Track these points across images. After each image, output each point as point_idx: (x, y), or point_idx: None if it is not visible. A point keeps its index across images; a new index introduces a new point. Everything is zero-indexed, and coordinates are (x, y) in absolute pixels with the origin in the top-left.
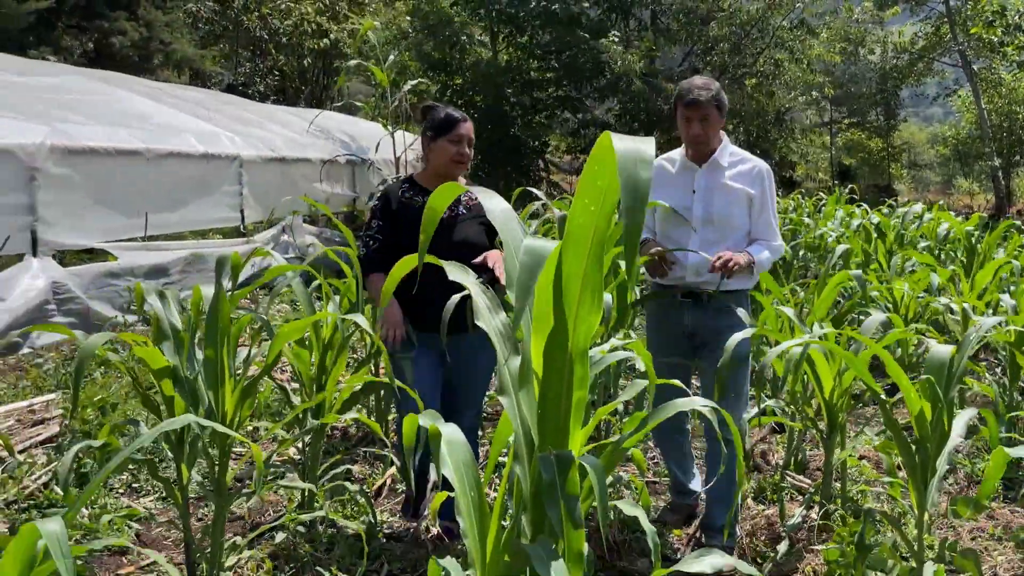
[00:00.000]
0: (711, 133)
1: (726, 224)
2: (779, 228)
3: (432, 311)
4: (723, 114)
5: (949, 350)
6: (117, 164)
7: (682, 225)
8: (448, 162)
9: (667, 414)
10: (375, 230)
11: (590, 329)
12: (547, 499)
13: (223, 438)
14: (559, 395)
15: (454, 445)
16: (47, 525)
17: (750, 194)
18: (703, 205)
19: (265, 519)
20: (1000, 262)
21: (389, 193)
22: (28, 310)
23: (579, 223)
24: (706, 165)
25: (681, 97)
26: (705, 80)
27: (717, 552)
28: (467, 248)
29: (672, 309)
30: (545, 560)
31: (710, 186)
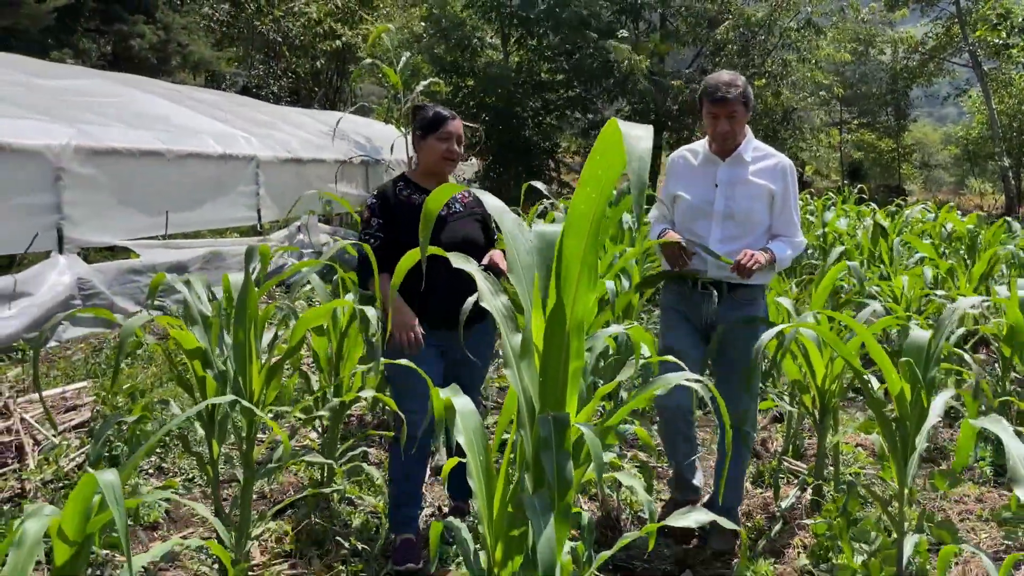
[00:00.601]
0: (738, 129)
1: (747, 219)
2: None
3: (435, 305)
4: (749, 109)
5: (927, 334)
6: (139, 164)
7: (703, 218)
8: (438, 159)
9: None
10: (375, 228)
11: (586, 305)
12: (543, 454)
13: (252, 416)
14: (558, 365)
15: (466, 415)
16: (104, 475)
17: (772, 190)
18: (724, 199)
19: (286, 499)
20: (993, 251)
21: (386, 192)
22: (55, 305)
23: (580, 210)
24: (729, 159)
25: (708, 94)
26: (732, 76)
27: (701, 510)
28: (465, 243)
29: (691, 300)
30: (538, 511)
31: (732, 181)
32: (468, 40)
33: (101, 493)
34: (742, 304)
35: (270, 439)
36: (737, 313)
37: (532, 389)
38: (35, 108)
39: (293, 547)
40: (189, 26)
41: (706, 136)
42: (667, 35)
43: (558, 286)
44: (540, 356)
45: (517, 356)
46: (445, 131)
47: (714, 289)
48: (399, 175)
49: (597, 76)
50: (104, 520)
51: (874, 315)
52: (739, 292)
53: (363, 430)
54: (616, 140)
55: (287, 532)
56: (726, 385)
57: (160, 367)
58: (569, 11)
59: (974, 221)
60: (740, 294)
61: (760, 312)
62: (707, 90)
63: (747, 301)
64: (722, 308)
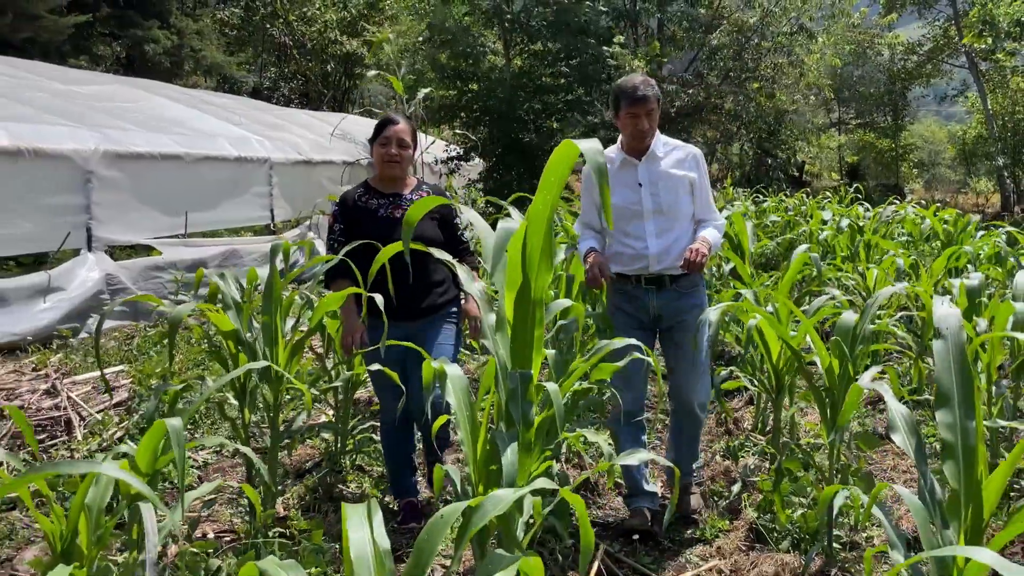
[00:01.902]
0: (655, 126)
1: (674, 211)
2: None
3: (400, 300)
4: (659, 107)
5: (855, 317)
6: (160, 167)
7: (635, 219)
8: (380, 163)
9: (611, 347)
10: (337, 233)
11: (545, 283)
12: (511, 403)
13: (278, 387)
14: (525, 332)
15: (455, 379)
16: (171, 421)
17: (692, 178)
18: (651, 197)
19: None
20: (952, 250)
21: (346, 198)
22: (85, 299)
23: (538, 210)
24: (645, 158)
25: (627, 95)
26: (643, 77)
27: (643, 451)
28: (423, 241)
29: (636, 296)
30: (506, 440)
31: (653, 178)
32: (471, 47)
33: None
34: (684, 293)
35: (291, 407)
36: (681, 302)
37: (505, 354)
38: (64, 114)
39: (312, 504)
40: (202, 31)
41: (619, 140)
42: (664, 40)
43: (524, 268)
44: (511, 326)
45: (493, 329)
46: (384, 136)
47: (657, 283)
48: (363, 182)
49: (596, 80)
50: (167, 460)
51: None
52: (681, 282)
53: (371, 409)
54: (563, 158)
55: (307, 491)
56: (678, 368)
57: (185, 354)
58: (569, 18)
59: (953, 218)
60: (682, 284)
61: (702, 298)
62: (625, 92)
63: (689, 290)
64: (668, 298)
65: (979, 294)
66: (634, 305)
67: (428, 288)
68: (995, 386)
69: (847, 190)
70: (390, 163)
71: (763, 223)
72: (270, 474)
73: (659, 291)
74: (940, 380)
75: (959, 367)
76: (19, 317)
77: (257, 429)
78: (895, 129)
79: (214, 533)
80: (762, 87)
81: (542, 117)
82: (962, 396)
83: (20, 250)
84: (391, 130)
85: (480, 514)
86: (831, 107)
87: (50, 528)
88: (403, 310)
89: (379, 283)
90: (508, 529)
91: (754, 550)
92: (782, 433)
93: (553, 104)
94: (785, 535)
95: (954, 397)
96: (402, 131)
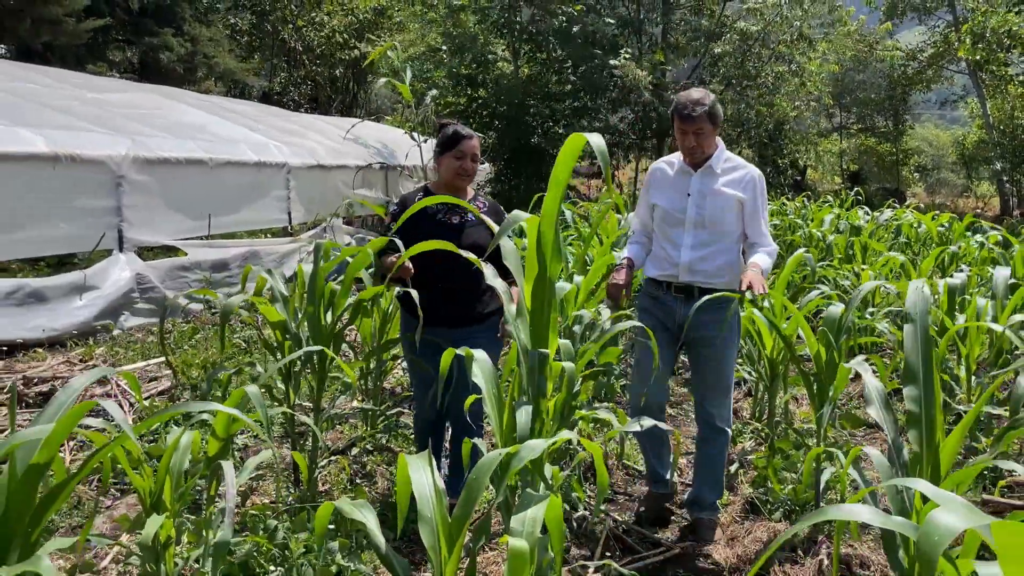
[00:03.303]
0: (704, 144)
1: (717, 227)
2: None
3: (445, 308)
4: (716, 124)
5: (840, 308)
6: (186, 172)
7: (677, 226)
8: (453, 175)
9: (618, 330)
10: (394, 232)
11: (556, 270)
12: (529, 378)
13: (322, 369)
14: (542, 316)
15: (482, 362)
16: (249, 387)
17: (741, 199)
18: (696, 208)
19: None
20: (940, 250)
21: (406, 200)
22: (117, 297)
23: (549, 206)
24: (701, 171)
25: (678, 111)
26: (701, 94)
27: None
28: (476, 250)
29: (665, 302)
30: (523, 405)
31: (703, 191)
32: (482, 55)
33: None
34: (711, 306)
35: (327, 395)
36: (707, 315)
37: (525, 336)
38: (96, 121)
39: (350, 479)
40: (215, 37)
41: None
42: (668, 48)
43: (540, 257)
44: (530, 311)
45: (515, 317)
46: (459, 150)
47: (686, 293)
48: (422, 186)
49: (602, 88)
50: (238, 427)
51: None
52: (709, 296)
53: (395, 399)
54: (571, 150)
55: (344, 467)
56: (700, 382)
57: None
58: (576, 27)
59: (945, 220)
60: (710, 299)
61: (732, 316)
62: (677, 108)
63: (717, 305)
64: (696, 309)
65: (962, 292)
66: (662, 311)
67: (475, 298)
68: (974, 376)
69: (848, 194)
70: (463, 176)
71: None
72: (313, 448)
73: (687, 301)
74: (908, 359)
75: (924, 348)
76: (58, 313)
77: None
78: (896, 134)
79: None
80: (763, 94)
81: (549, 123)
82: (926, 373)
83: (58, 250)
84: (467, 144)
85: (518, 458)
86: (832, 112)
87: (142, 485)
88: (451, 319)
89: (429, 287)
90: (539, 474)
91: (749, 519)
92: (776, 416)
93: (560, 110)
94: (778, 507)
95: (919, 373)
96: (476, 146)
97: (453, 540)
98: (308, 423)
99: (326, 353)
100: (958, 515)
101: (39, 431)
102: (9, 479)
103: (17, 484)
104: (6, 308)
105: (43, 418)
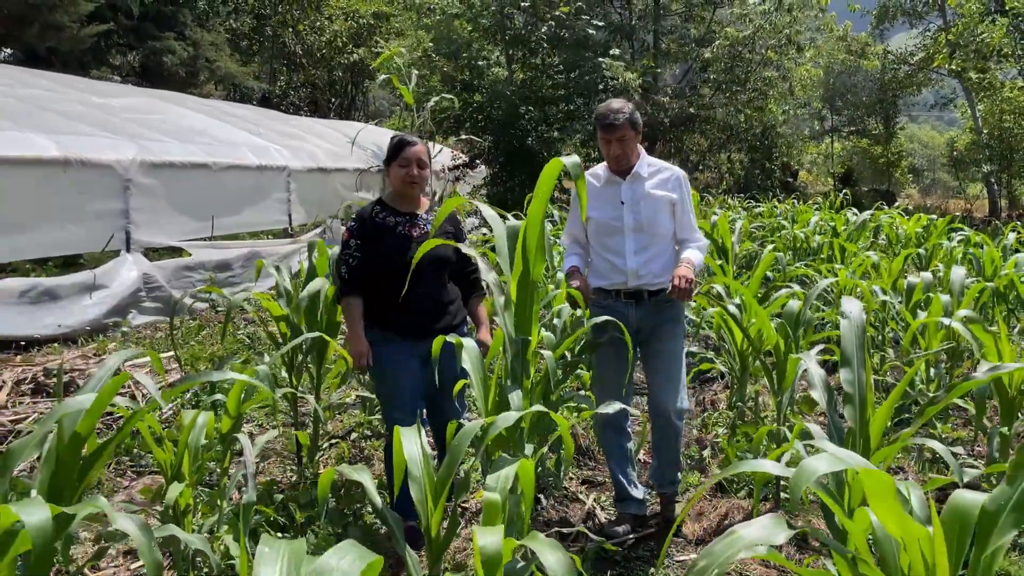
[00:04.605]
0: (629, 150)
1: (654, 229)
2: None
3: (412, 318)
4: (638, 131)
5: (798, 304)
6: (190, 175)
7: (616, 234)
8: (400, 183)
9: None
10: (353, 248)
11: (540, 270)
12: (515, 361)
13: (321, 358)
14: (525, 308)
15: (470, 350)
16: (260, 368)
17: (672, 199)
18: (632, 215)
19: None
20: (908, 251)
21: (363, 214)
22: (125, 296)
23: (534, 211)
24: (629, 178)
25: (599, 122)
26: (620, 103)
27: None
28: (436, 260)
29: (616, 309)
30: (511, 387)
31: (635, 197)
32: (475, 60)
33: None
34: (661, 307)
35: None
36: (659, 316)
37: (510, 325)
38: (103, 126)
39: (348, 461)
40: (216, 41)
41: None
42: (659, 54)
43: (525, 257)
44: (515, 303)
45: (502, 307)
46: (404, 157)
47: (636, 297)
48: (376, 199)
49: (594, 92)
50: (249, 406)
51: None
52: (657, 297)
53: None
54: (551, 171)
55: (344, 450)
56: (653, 374)
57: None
58: (569, 33)
59: (924, 222)
60: (660, 298)
61: (677, 310)
62: (598, 118)
63: (666, 304)
64: (646, 312)
65: (927, 290)
66: (614, 318)
67: (439, 309)
68: (933, 368)
69: (837, 196)
70: (410, 184)
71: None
72: (314, 432)
73: (638, 305)
74: (844, 348)
75: (858, 340)
76: (70, 311)
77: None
78: (887, 136)
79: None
80: (752, 99)
81: (543, 126)
82: (859, 360)
83: (68, 251)
84: (410, 151)
85: (494, 426)
86: (823, 115)
87: (163, 458)
88: (414, 329)
89: (392, 300)
90: (515, 444)
91: (716, 497)
92: (744, 404)
93: (553, 114)
94: (742, 486)
95: (854, 360)
96: (420, 152)
97: (438, 495)
98: (312, 401)
99: (325, 340)
100: (825, 462)
101: (84, 399)
102: (58, 440)
103: (65, 446)
104: (22, 306)
105: (84, 391)
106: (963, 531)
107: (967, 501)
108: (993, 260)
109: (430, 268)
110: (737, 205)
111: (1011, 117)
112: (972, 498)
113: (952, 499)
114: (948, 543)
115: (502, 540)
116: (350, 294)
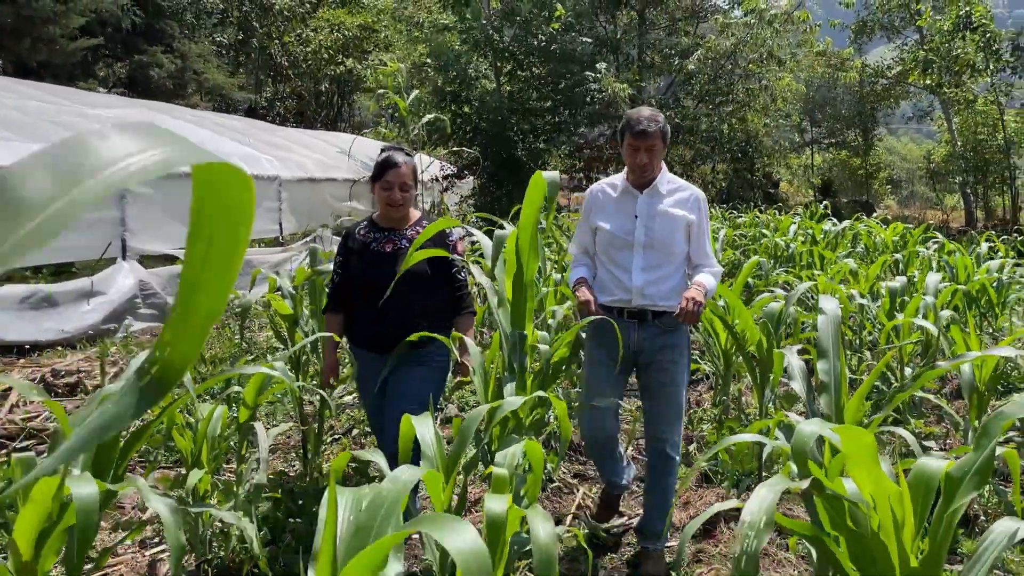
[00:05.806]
0: (655, 161)
1: (666, 248)
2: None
3: (384, 332)
4: (666, 144)
5: (779, 305)
6: (184, 184)
7: (625, 248)
8: (383, 205)
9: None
10: (337, 264)
11: (534, 270)
12: (511, 354)
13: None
14: (520, 305)
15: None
16: (277, 363)
17: (689, 220)
18: (645, 230)
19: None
20: (885, 257)
21: (349, 231)
22: (122, 303)
23: (527, 218)
24: (647, 191)
25: (630, 128)
26: (652, 112)
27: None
28: (412, 277)
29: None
30: (507, 379)
31: (651, 212)
32: (464, 72)
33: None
34: (665, 330)
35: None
36: (661, 339)
37: (506, 322)
38: None
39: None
40: (203, 54)
41: (625, 170)
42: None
43: (519, 258)
44: (511, 302)
45: (497, 307)
46: (386, 180)
47: (639, 317)
48: (367, 216)
49: (581, 104)
50: (264, 399)
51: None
52: (663, 319)
53: None
54: (537, 185)
55: (345, 445)
56: (652, 407)
57: (224, 347)
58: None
59: (900, 231)
60: (664, 321)
61: (682, 336)
62: (629, 124)
63: (670, 328)
64: (649, 334)
65: (901, 293)
66: (614, 337)
67: (406, 324)
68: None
69: (817, 206)
70: (393, 207)
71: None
72: (319, 428)
73: (640, 325)
74: (820, 341)
75: (834, 333)
76: (68, 317)
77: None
78: (866, 148)
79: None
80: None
81: (530, 137)
82: (834, 351)
83: (66, 258)
84: (392, 174)
85: (501, 410)
86: (804, 128)
87: (184, 446)
88: (377, 342)
89: (365, 315)
90: (518, 426)
91: (702, 487)
92: (729, 401)
93: (541, 126)
94: (727, 477)
95: (830, 352)
96: (404, 175)
97: (449, 473)
98: (323, 394)
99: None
100: (816, 425)
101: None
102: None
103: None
104: (24, 311)
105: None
106: (927, 493)
107: (931, 466)
108: (966, 267)
109: (405, 284)
110: (720, 215)
111: (985, 130)
112: (936, 464)
113: (918, 464)
114: (914, 502)
115: (508, 506)
116: (330, 310)
